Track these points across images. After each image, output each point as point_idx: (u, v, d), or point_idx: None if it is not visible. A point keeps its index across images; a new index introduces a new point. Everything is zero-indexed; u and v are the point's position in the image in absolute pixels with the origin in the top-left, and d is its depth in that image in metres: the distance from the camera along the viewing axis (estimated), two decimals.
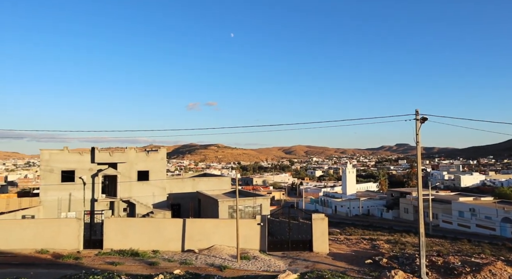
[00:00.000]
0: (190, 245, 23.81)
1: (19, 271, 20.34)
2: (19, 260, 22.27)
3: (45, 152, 33.00)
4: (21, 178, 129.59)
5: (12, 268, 20.95)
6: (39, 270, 20.55)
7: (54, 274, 19.69)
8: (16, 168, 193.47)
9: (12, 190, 58.46)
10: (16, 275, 19.56)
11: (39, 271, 20.24)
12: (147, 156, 36.16)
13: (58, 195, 32.58)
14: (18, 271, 20.49)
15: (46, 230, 24.08)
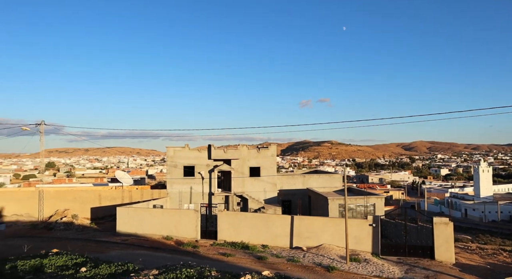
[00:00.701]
0: (298, 242, 23.61)
1: (148, 253, 23.07)
2: (150, 244, 25.29)
3: (170, 149, 36.91)
4: (158, 172, 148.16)
5: (143, 250, 23.86)
6: (163, 254, 22.94)
7: (175, 259, 21.77)
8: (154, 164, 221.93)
9: (150, 183, 67.59)
10: (145, 257, 22.27)
11: (163, 255, 22.60)
12: (258, 153, 37.32)
13: (181, 188, 36.10)
14: (147, 253, 23.25)
15: (170, 219, 26.80)
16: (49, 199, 34.57)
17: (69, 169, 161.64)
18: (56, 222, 31.89)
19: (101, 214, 34.84)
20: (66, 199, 35.18)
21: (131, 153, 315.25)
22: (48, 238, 27.65)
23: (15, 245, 25.83)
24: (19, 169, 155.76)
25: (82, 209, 34.52)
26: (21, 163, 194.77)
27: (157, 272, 7.04)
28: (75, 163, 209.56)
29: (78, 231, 30.31)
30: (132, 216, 27.73)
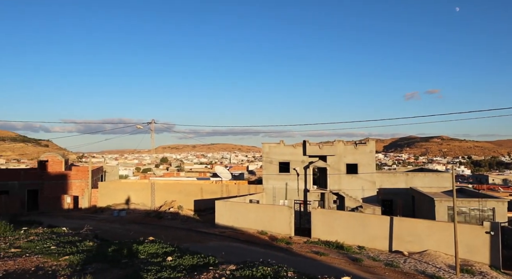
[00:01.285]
0: (399, 246, 21.77)
1: (243, 247, 23.83)
2: (245, 238, 26.11)
3: (265, 146, 37.60)
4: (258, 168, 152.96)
5: (239, 243, 24.73)
6: (257, 248, 23.43)
7: (268, 254, 22.03)
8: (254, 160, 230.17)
9: (250, 178, 70.29)
10: (240, 250, 23.02)
11: (257, 250, 23.08)
12: (355, 149, 35.61)
13: (276, 184, 36.50)
14: (242, 246, 24.03)
15: (264, 214, 27.26)
16: (159, 190, 38.33)
17: (179, 164, 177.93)
18: (164, 211, 35.18)
19: (202, 206, 37.29)
20: (173, 191, 38.57)
21: (233, 150, 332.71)
22: (158, 226, 30.63)
23: (132, 230, 29.28)
24: (140, 163, 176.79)
25: (187, 201, 37.42)
26: (141, 158, 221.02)
27: (234, 268, 6.99)
28: (184, 158, 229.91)
29: (183, 221, 32.92)
30: (229, 209, 28.98)
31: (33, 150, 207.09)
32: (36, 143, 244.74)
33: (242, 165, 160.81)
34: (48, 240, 10.03)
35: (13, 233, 11.44)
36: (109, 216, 35.24)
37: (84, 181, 41.11)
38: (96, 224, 31.29)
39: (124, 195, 39.84)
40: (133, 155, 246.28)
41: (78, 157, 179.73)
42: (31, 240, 9.92)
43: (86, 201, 39.90)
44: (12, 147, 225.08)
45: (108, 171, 57.17)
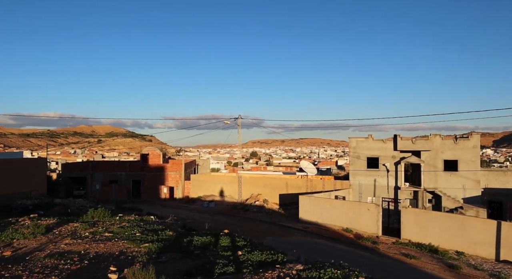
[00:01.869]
0: (508, 255, 18.96)
1: (326, 243, 23.22)
2: (329, 234, 25.42)
3: (352, 140, 36.04)
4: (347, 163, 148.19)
5: (322, 239, 24.16)
6: (341, 246, 22.60)
7: (352, 253, 21.09)
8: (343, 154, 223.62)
9: (339, 173, 68.52)
10: (323, 246, 22.46)
11: (341, 247, 22.26)
12: (455, 144, 31.98)
13: (364, 180, 34.74)
14: (325, 243, 23.42)
15: (349, 211, 26.17)
16: (246, 184, 39.50)
17: (268, 158, 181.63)
18: (250, 204, 36.15)
19: (287, 200, 37.37)
20: (259, 185, 39.39)
21: (322, 144, 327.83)
22: (243, 218, 31.61)
23: (220, 221, 30.73)
24: (231, 157, 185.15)
25: (272, 195, 37.89)
26: (232, 152, 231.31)
27: (302, 268, 6.71)
28: (273, 153, 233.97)
29: (267, 215, 33.42)
30: (313, 205, 28.51)
31: (139, 144, 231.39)
32: (142, 138, 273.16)
33: (331, 160, 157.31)
34: (136, 227, 10.95)
35: (110, 218, 12.79)
36: (199, 206, 37.54)
37: (179, 173, 44.43)
38: (187, 213, 33.60)
39: (213, 187, 42.01)
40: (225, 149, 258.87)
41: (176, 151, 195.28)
42: (123, 226, 10.93)
43: (180, 191, 43.09)
44: (123, 142, 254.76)
45: (200, 164, 60.96)
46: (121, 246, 8.46)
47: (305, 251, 20.98)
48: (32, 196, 30.42)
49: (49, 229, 10.63)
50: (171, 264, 7.07)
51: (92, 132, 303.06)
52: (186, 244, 8.66)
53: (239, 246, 8.77)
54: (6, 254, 8.05)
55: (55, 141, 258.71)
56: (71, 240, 9.24)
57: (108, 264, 6.94)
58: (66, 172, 47.75)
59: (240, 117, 39.00)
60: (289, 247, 21.69)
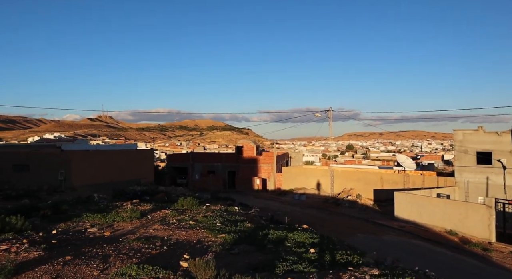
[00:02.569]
0: None
1: (425, 246, 21.23)
2: (428, 236, 23.19)
3: (458, 133, 32.13)
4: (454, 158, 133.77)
5: (419, 240, 22.16)
6: (443, 250, 20.42)
7: (457, 259, 18.87)
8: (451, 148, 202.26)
9: (446, 169, 62.23)
10: (421, 249, 20.59)
11: (443, 251, 20.11)
12: None
13: (473, 178, 30.73)
14: (424, 245, 21.43)
15: (454, 212, 23.49)
16: (338, 177, 38.33)
17: (365, 151, 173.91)
18: (342, 199, 35.01)
19: (383, 196, 35.18)
20: (352, 179, 37.86)
21: (425, 137, 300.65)
22: (334, 212, 30.78)
23: (310, 214, 30.44)
24: (326, 150, 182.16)
25: (365, 190, 36.09)
26: (327, 145, 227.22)
27: (377, 273, 6.15)
28: (370, 146, 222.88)
29: (361, 211, 31.96)
30: (410, 202, 26.34)
31: (237, 137, 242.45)
32: (239, 131, 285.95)
33: (436, 155, 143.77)
34: (218, 217, 11.38)
35: (197, 207, 13.57)
36: (290, 199, 37.71)
37: (271, 165, 45.25)
38: (278, 205, 34.05)
39: (305, 180, 41.77)
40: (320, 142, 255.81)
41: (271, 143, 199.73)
42: (207, 216, 11.48)
43: (272, 183, 43.88)
44: (222, 135, 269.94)
45: (293, 157, 61.15)
46: (200, 235, 8.86)
47: (399, 252, 19.47)
48: (141, 183, 34.16)
49: (144, 214, 11.72)
50: (241, 256, 7.13)
51: (195, 125, 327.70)
52: (261, 238, 8.66)
53: (315, 243, 8.45)
54: (106, 234, 9.09)
55: (164, 134, 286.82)
56: (160, 226, 10.02)
57: (184, 251, 7.30)
58: (171, 163, 52.51)
59: (331, 110, 37.89)
60: (381, 247, 20.40)
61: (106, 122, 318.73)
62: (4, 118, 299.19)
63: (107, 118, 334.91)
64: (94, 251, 7.18)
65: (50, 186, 27.21)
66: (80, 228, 9.64)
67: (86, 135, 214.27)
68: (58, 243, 7.81)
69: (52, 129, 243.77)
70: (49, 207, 11.96)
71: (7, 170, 27.93)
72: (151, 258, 6.74)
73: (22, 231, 8.70)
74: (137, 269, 5.79)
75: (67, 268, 5.99)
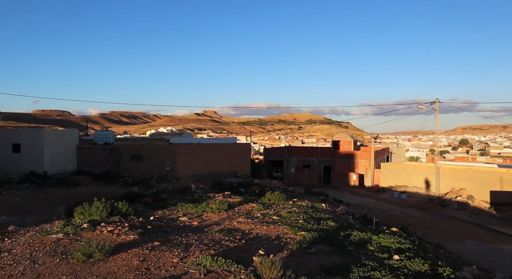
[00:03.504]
0: None
1: None
2: None
3: None
4: None
5: None
6: None
7: None
8: None
9: None
10: None
11: None
12: None
13: None
14: None
15: None
16: (445, 176, 34.56)
17: (483, 147, 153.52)
18: (450, 200, 31.53)
19: (502, 199, 30.65)
20: (462, 178, 33.79)
21: None
22: (438, 214, 27.92)
23: (410, 214, 28.15)
24: (434, 145, 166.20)
25: (480, 191, 31.86)
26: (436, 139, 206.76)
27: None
28: (491, 140, 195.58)
29: (472, 214, 28.39)
30: None
31: (336, 131, 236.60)
32: (338, 124, 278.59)
33: None
34: (303, 213, 11.26)
35: (284, 202, 13.63)
36: (389, 196, 35.39)
37: (368, 160, 43.09)
38: (375, 203, 32.28)
39: (406, 177, 38.76)
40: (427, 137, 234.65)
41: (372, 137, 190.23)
42: (291, 211, 11.45)
43: (369, 180, 41.78)
44: (321, 129, 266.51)
45: (394, 152, 57.23)
46: (280, 231, 8.88)
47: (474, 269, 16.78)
48: (238, 175, 35.81)
49: (232, 206, 12.24)
50: (317, 256, 6.92)
51: (294, 119, 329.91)
52: (342, 238, 8.30)
53: (402, 248, 7.77)
54: (194, 223, 9.76)
55: (263, 128, 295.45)
56: (244, 218, 10.35)
57: (260, 247, 7.40)
58: (267, 156, 53.85)
59: (437, 101, 34.25)
60: (495, 258, 17.89)
61: (211, 117, 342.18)
62: (128, 114, 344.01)
63: (212, 113, 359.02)
64: (179, 239, 7.76)
65: (159, 175, 30.35)
66: (173, 216, 10.52)
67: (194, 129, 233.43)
68: (152, 229, 8.65)
69: (166, 123, 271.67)
70: (151, 195, 13.33)
71: (125, 160, 32.03)
72: (228, 251, 7.00)
73: (126, 215, 9.87)
74: (211, 260, 6.06)
75: (153, 253, 6.59)
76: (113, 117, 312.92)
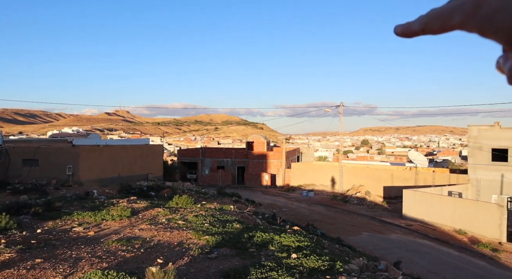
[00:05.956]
0: None
1: (432, 245, 20.64)
2: (436, 235, 22.55)
3: (473, 128, 31.01)
4: None
5: (427, 240, 21.56)
6: (450, 250, 19.84)
7: (463, 260, 18.25)
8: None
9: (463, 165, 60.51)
10: (427, 248, 20.01)
11: (450, 252, 19.54)
12: None
13: (488, 175, 29.65)
14: (431, 244, 20.84)
15: (463, 211, 22.76)
16: (348, 174, 37.70)
17: (380, 146, 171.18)
18: (351, 196, 34.41)
19: (393, 193, 34.45)
20: (361, 176, 37.18)
21: (443, 132, 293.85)
22: (340, 209, 30.27)
23: (316, 211, 30.04)
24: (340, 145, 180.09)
25: (375, 187, 35.38)
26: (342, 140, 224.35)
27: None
28: (386, 141, 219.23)
29: (369, 208, 31.37)
30: (419, 200, 25.65)
31: (252, 132, 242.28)
32: (254, 125, 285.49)
33: (454, 150, 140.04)
34: (209, 217, 11.16)
35: (192, 205, 13.39)
36: (298, 195, 37.31)
37: (280, 161, 44.88)
38: (285, 201, 33.73)
39: (314, 176, 41.27)
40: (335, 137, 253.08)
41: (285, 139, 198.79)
42: (198, 215, 11.28)
43: (281, 179, 43.55)
44: (237, 129, 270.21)
45: (304, 152, 60.55)
46: (183, 236, 8.65)
47: (403, 252, 18.99)
48: (149, 178, 34.33)
49: (136, 212, 11.61)
50: (217, 261, 6.88)
51: (210, 120, 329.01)
52: (245, 240, 8.39)
53: (301, 246, 8.13)
54: (90, 234, 8.99)
55: (179, 128, 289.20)
56: (147, 225, 9.87)
57: (160, 255, 7.10)
58: (181, 157, 52.69)
59: (341, 105, 37.17)
60: (385, 246, 19.96)
61: (123, 117, 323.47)
62: (25, 112, 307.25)
63: (124, 112, 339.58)
64: (69, 253, 7.06)
65: (58, 181, 27.57)
66: (66, 227, 9.58)
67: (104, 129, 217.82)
68: (36, 243, 7.72)
69: (71, 123, 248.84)
70: (43, 204, 11.97)
71: (17, 164, 28.42)
72: (124, 262, 6.57)
73: (6, 229, 8.67)
74: (101, 275, 5.60)
75: (31, 273, 5.86)
76: (5, 116, 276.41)
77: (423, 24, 0.54)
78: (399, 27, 0.60)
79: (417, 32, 0.56)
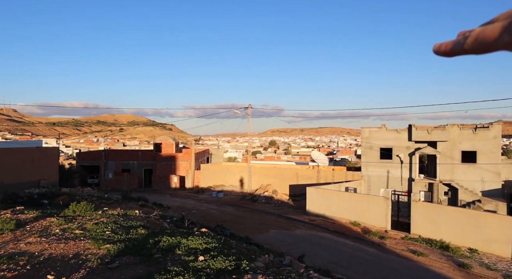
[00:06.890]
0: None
1: (331, 238, 22.37)
2: (335, 228, 24.55)
3: (365, 130, 34.62)
4: None
5: (327, 233, 23.32)
6: (346, 241, 21.71)
7: (357, 248, 20.19)
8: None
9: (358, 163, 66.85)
10: (327, 241, 21.65)
11: (346, 242, 21.38)
12: (474, 134, 30.15)
13: (377, 172, 33.43)
14: (330, 237, 22.57)
15: (357, 204, 25.16)
16: (256, 174, 38.87)
17: (286, 147, 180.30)
18: (259, 195, 35.54)
19: (298, 191, 36.56)
20: (269, 175, 38.68)
21: (342, 133, 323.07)
22: (249, 209, 31.05)
23: (226, 211, 30.28)
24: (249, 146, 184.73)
25: (282, 186, 37.15)
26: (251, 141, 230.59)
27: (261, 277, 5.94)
28: (292, 142, 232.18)
29: (276, 206, 32.75)
30: (320, 197, 27.63)
31: (160, 133, 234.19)
32: (162, 126, 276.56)
33: (350, 149, 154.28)
34: (111, 223, 10.44)
35: (92, 213, 12.37)
36: (208, 196, 37.23)
37: (189, 162, 44.22)
38: (195, 203, 33.34)
39: (223, 177, 41.61)
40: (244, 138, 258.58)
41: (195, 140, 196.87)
42: (98, 223, 10.45)
43: (190, 181, 42.93)
44: (144, 131, 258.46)
45: (214, 153, 60.67)
46: (80, 247, 7.93)
47: (307, 245, 20.26)
48: (41, 184, 30.79)
49: (22, 224, 10.27)
50: (120, 271, 6.46)
51: (115, 121, 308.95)
52: (150, 246, 8.04)
53: (209, 248, 8.08)
54: None
55: (79, 129, 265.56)
56: (37, 238, 8.80)
57: (51, 270, 6.39)
58: (81, 161, 48.42)
59: (250, 107, 38.16)
60: (291, 242, 21.02)
61: (9, 116, 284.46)
62: None
63: (10, 111, 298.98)
64: None
65: None
66: None
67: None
68: None
69: None
70: None
71: None
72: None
73: None
74: None
75: None
76: None
77: (468, 44, 0.52)
78: (440, 46, 0.59)
79: (460, 52, 0.55)
